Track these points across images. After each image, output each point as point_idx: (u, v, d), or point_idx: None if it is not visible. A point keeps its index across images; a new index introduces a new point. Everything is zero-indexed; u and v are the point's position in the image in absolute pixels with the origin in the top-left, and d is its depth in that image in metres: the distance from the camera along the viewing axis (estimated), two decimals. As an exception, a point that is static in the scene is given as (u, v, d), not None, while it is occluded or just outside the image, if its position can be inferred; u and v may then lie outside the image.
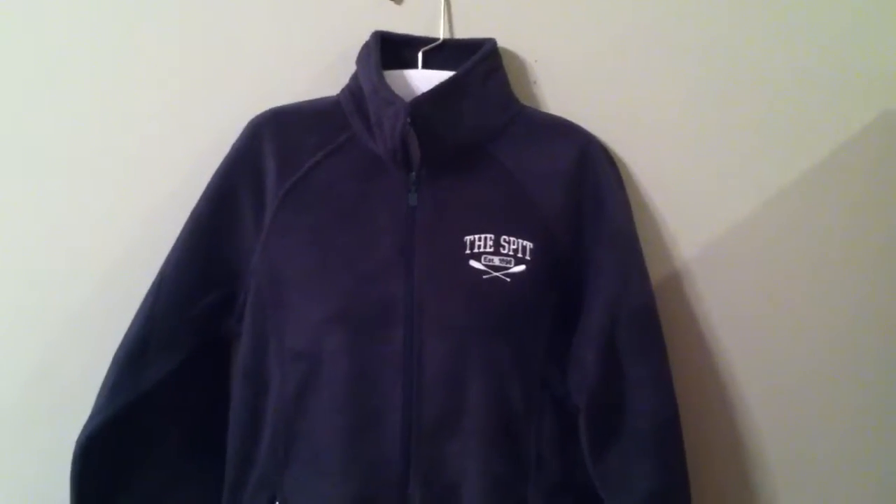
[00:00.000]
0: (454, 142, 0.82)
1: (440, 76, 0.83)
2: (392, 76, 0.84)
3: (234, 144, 0.84)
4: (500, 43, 0.87)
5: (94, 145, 0.89)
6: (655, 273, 0.90)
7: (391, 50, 0.86)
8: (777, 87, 0.93)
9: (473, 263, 0.79)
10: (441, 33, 0.89)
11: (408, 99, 0.77)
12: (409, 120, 0.76)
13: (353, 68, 0.86)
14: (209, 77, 0.90)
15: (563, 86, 0.92)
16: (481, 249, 0.79)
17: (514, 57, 0.91)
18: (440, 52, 0.88)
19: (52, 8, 0.88)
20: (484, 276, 0.78)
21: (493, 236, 0.79)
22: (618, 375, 0.81)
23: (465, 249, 0.79)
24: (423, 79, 0.86)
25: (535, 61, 0.91)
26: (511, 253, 0.79)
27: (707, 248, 0.95)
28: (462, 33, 0.90)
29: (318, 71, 0.89)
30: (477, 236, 0.80)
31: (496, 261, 0.79)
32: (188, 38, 0.89)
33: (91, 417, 0.79)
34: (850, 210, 0.95)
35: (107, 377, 0.80)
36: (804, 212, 0.95)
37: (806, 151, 0.94)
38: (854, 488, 0.99)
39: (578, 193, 0.83)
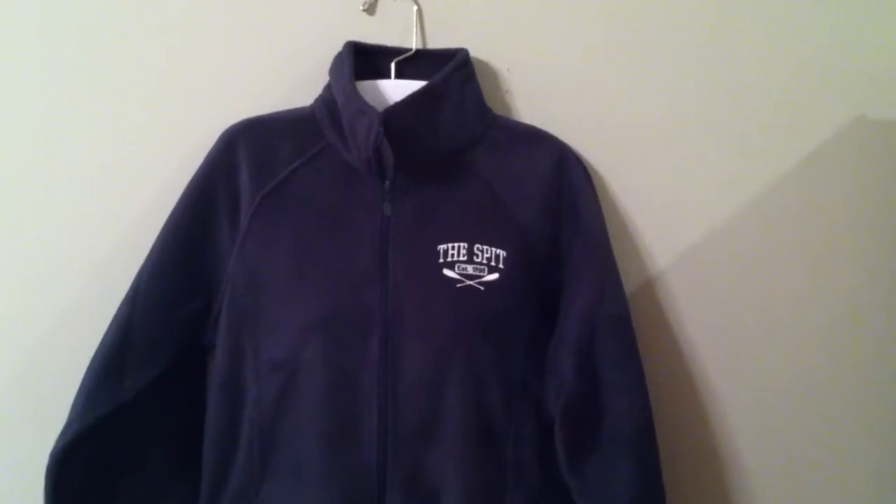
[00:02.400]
0: (429, 150, 0.82)
1: (413, 86, 0.83)
2: (365, 86, 0.84)
3: (209, 154, 0.84)
4: (473, 52, 0.88)
5: (76, 151, 0.89)
6: (629, 281, 0.92)
7: (364, 60, 0.86)
8: (751, 94, 0.94)
9: (447, 272, 0.79)
10: (414, 43, 0.89)
11: (381, 109, 0.77)
12: (381, 129, 0.76)
13: (326, 78, 0.86)
14: (183, 87, 0.90)
15: (535, 95, 0.92)
16: (455, 258, 0.80)
17: (486, 66, 0.91)
18: (413, 63, 0.88)
19: (26, 20, 0.87)
20: (458, 285, 0.79)
21: (466, 245, 0.80)
22: (595, 383, 0.82)
23: (439, 258, 0.80)
24: (396, 89, 0.86)
25: (508, 70, 0.92)
26: (484, 261, 0.80)
27: (680, 256, 0.95)
28: (435, 43, 0.91)
29: (292, 81, 0.89)
30: (450, 245, 0.80)
31: (470, 269, 0.79)
32: (162, 50, 0.89)
33: (65, 428, 0.77)
34: (825, 217, 0.96)
35: (81, 387, 0.78)
36: (780, 218, 0.96)
37: (782, 158, 0.95)
38: (832, 493, 1.00)
39: (554, 202, 0.83)
